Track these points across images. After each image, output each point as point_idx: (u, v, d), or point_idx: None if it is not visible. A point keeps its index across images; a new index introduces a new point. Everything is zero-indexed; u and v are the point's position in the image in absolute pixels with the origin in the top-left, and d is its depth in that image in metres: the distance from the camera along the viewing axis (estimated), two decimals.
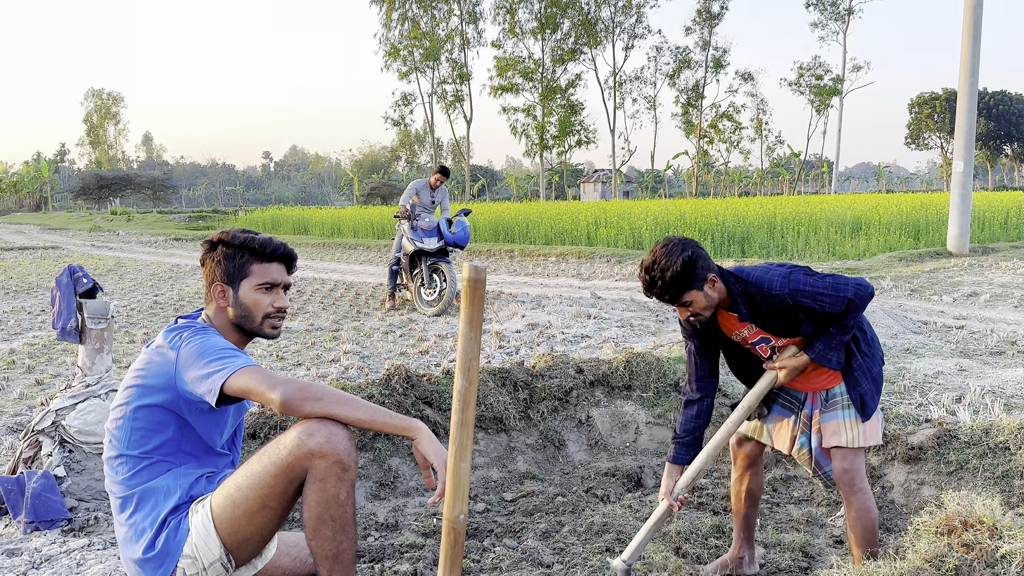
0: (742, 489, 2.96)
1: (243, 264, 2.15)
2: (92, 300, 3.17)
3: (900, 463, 3.89)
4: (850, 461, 2.62)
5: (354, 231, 26.24)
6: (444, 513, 1.54)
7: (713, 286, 2.54)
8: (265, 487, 1.88)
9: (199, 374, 1.92)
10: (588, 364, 4.97)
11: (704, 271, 2.51)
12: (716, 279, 2.54)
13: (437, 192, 10.03)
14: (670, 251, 2.49)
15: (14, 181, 73.94)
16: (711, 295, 2.54)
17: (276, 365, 6.21)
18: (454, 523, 1.52)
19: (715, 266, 2.58)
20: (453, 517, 1.52)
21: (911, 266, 13.11)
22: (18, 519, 2.76)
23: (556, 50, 53.56)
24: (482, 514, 3.70)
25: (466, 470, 1.52)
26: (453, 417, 1.50)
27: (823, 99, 57.52)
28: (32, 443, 2.91)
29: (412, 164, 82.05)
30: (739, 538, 2.98)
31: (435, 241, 9.14)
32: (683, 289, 2.50)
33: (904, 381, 5.39)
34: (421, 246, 9.08)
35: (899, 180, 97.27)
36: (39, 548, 2.68)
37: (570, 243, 19.09)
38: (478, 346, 1.45)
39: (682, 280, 2.48)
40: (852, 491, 2.61)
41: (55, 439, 2.89)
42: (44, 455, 2.86)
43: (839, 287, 2.56)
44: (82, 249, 21.63)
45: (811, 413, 2.74)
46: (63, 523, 2.79)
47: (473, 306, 1.42)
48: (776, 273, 2.58)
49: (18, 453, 2.95)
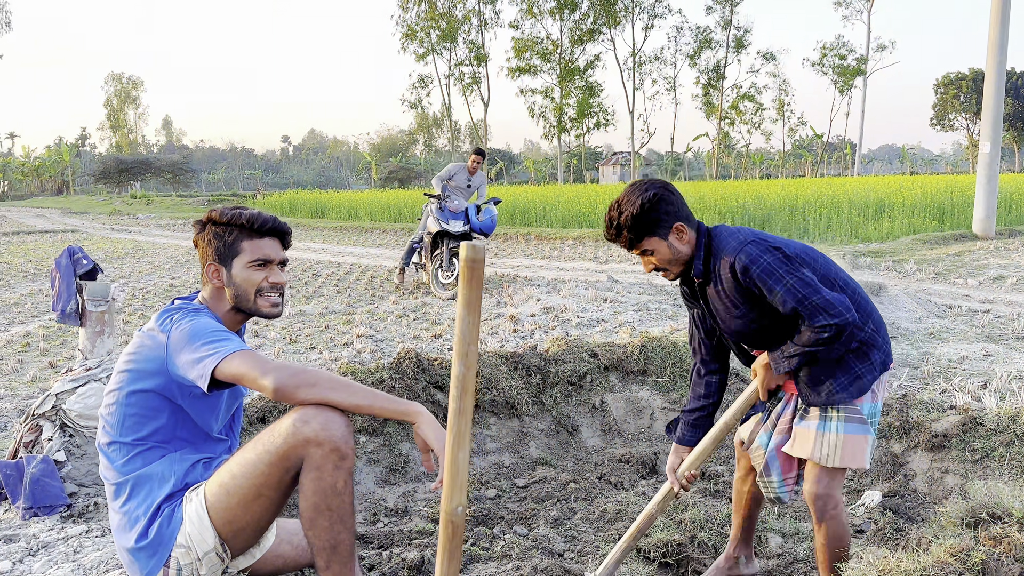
0: (744, 490, 2.74)
1: (233, 242, 2.07)
2: (92, 282, 3.11)
3: (923, 450, 3.78)
4: (824, 484, 2.30)
5: (371, 214, 26.23)
6: (442, 505, 1.47)
7: (681, 237, 2.25)
8: (260, 476, 1.82)
9: (190, 358, 1.85)
10: (602, 348, 4.88)
11: (669, 216, 2.23)
12: (686, 229, 2.25)
13: (475, 176, 9.77)
14: (633, 190, 2.24)
15: (36, 165, 74.66)
16: (677, 247, 2.25)
17: (289, 348, 6.17)
18: (452, 515, 1.44)
19: (689, 216, 2.27)
20: (451, 509, 1.44)
21: (935, 249, 12.87)
22: (17, 505, 2.72)
23: (574, 31, 52.99)
24: (493, 500, 3.64)
25: (464, 459, 1.44)
26: (451, 405, 1.42)
27: (846, 79, 56.60)
28: (33, 427, 2.87)
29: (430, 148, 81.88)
30: (736, 537, 2.79)
31: (461, 224, 9.05)
32: (642, 233, 2.23)
33: (928, 366, 5.26)
34: (446, 227, 8.99)
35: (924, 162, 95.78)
36: (36, 534, 2.64)
37: (588, 226, 18.95)
38: (477, 330, 1.37)
39: (641, 223, 2.21)
40: (823, 518, 2.32)
41: (56, 423, 2.85)
42: (45, 439, 2.82)
43: (809, 288, 2.14)
44: (101, 232, 21.77)
45: (782, 412, 2.45)
46: (62, 509, 2.74)
47: (471, 287, 1.33)
48: (741, 237, 2.24)
49: (19, 437, 2.92)
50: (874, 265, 11.15)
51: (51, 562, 2.41)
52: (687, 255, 2.28)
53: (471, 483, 3.83)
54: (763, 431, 2.50)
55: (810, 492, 2.32)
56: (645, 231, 2.23)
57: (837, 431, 2.27)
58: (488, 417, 4.34)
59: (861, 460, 2.29)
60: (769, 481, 2.45)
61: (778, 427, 2.44)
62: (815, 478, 2.31)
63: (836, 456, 2.27)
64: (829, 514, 2.31)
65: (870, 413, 2.33)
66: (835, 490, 2.32)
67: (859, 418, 2.30)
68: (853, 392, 2.29)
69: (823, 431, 2.29)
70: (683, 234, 2.25)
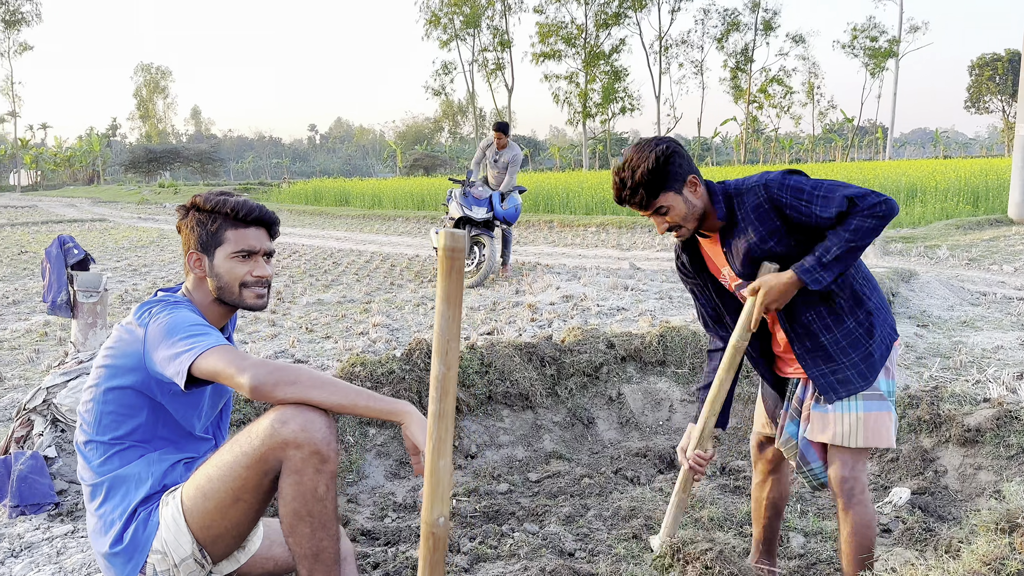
0: (763, 497, 2.61)
1: (217, 230, 1.96)
2: (84, 272, 3.02)
3: (955, 445, 3.61)
4: (850, 467, 2.20)
5: (394, 202, 26.22)
6: (423, 515, 1.35)
7: (695, 190, 2.19)
8: (237, 479, 1.71)
9: (167, 354, 1.75)
10: (620, 338, 4.74)
11: (683, 170, 2.17)
12: (698, 182, 2.20)
13: (503, 152, 9.61)
14: (642, 147, 2.17)
15: (68, 156, 75.69)
16: (692, 201, 2.19)
17: (304, 338, 6.11)
18: (433, 527, 1.32)
19: (698, 170, 2.24)
20: (432, 520, 1.32)
21: (969, 234, 12.52)
22: (3, 503, 2.65)
23: (600, 14, 52.37)
24: (505, 495, 3.54)
25: (446, 467, 1.32)
26: (430, 407, 1.30)
27: (878, 62, 55.41)
28: (24, 422, 2.80)
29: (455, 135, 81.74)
30: (757, 549, 2.66)
31: (483, 211, 8.92)
32: (657, 189, 2.15)
33: (960, 356, 5.05)
34: (468, 213, 8.88)
35: (957, 146, 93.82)
36: (21, 534, 2.56)
37: (611, 213, 18.74)
38: (458, 325, 1.24)
39: (656, 178, 2.14)
40: (851, 503, 2.21)
41: (47, 418, 2.78)
42: (35, 435, 2.75)
43: (842, 184, 2.12)
44: (128, 221, 21.96)
45: (803, 397, 2.34)
46: (50, 507, 2.66)
47: (450, 280, 1.21)
48: (757, 174, 2.24)
49: (10, 432, 2.85)
50: (905, 251, 10.86)
51: (32, 564, 2.34)
52: (701, 209, 2.22)
53: (483, 477, 3.73)
54: (789, 420, 2.38)
55: (836, 476, 2.22)
56: (660, 186, 2.15)
57: (856, 410, 2.19)
58: (501, 409, 4.23)
59: (886, 438, 2.20)
60: (809, 470, 2.33)
61: (803, 413, 2.32)
62: (840, 461, 2.21)
63: (859, 436, 2.18)
64: (856, 499, 2.20)
65: (887, 390, 2.24)
66: (861, 473, 2.22)
67: (877, 394, 2.21)
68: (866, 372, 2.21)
69: (842, 411, 2.20)
70: (696, 187, 2.20)
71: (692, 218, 2.21)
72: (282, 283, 9.37)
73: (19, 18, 55.60)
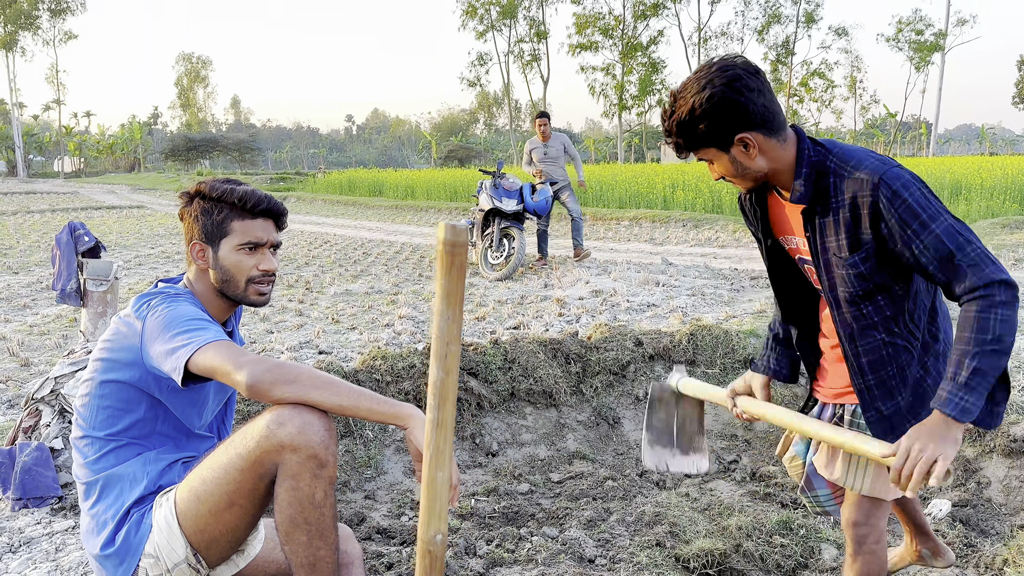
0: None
1: (223, 220, 1.87)
2: (94, 259, 2.97)
3: (1000, 456, 3.44)
4: (865, 513, 1.89)
5: (427, 193, 26.21)
6: (419, 532, 1.25)
7: (749, 151, 1.70)
8: (232, 483, 1.62)
9: (164, 349, 1.67)
10: (648, 336, 4.60)
11: (731, 126, 1.66)
12: (758, 142, 1.69)
13: (551, 143, 9.41)
14: (697, 79, 1.67)
15: (110, 143, 77.09)
16: (742, 162, 1.72)
17: (331, 328, 6.07)
18: (429, 544, 1.22)
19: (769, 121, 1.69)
20: (429, 537, 1.22)
21: (1016, 234, 12.09)
22: (7, 495, 2.61)
23: (638, 5, 51.80)
24: (525, 495, 3.44)
25: (443, 481, 1.21)
26: (427, 415, 1.20)
27: (923, 56, 54.02)
28: (32, 412, 2.76)
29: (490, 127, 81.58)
30: (909, 532, 2.35)
31: (514, 203, 8.82)
32: (695, 142, 1.71)
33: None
34: (499, 205, 8.79)
35: (1004, 143, 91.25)
36: (22, 528, 2.52)
37: (645, 207, 18.49)
38: (458, 326, 1.14)
39: (692, 131, 1.69)
40: (860, 551, 1.92)
41: (55, 408, 2.74)
42: (43, 425, 2.71)
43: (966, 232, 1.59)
44: (165, 209, 22.24)
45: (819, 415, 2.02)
46: (53, 500, 2.62)
47: (451, 276, 1.11)
48: (876, 155, 1.69)
49: (19, 422, 2.81)
50: None
51: (30, 560, 2.29)
52: (760, 170, 1.74)
53: (503, 476, 3.63)
54: (798, 439, 2.12)
55: (848, 519, 1.93)
56: (699, 141, 1.71)
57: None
58: (524, 407, 4.13)
59: (895, 491, 1.84)
60: (814, 496, 2.08)
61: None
62: (855, 504, 1.90)
63: (865, 482, 1.85)
64: (867, 548, 1.91)
65: None
66: (878, 521, 1.91)
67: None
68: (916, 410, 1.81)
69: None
70: (752, 148, 1.69)
71: (745, 178, 1.77)
72: (311, 272, 9.36)
73: (64, 7, 56.66)
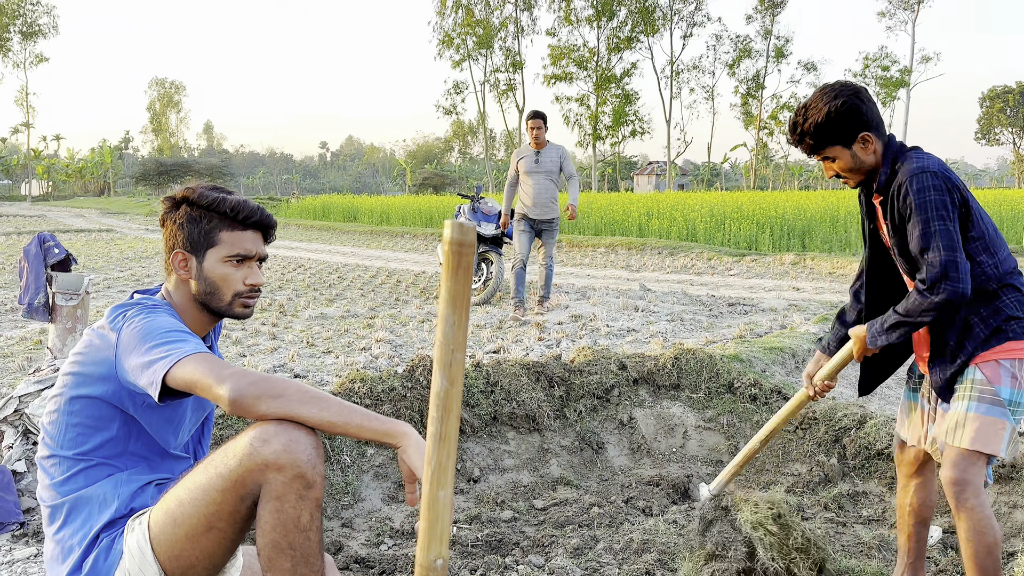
0: (905, 503, 2.52)
1: (211, 230, 1.77)
2: (64, 273, 2.83)
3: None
4: (960, 469, 2.12)
5: (402, 219, 26.15)
6: (417, 557, 1.15)
7: (867, 147, 2.21)
8: (211, 504, 1.51)
9: (141, 362, 1.57)
10: (632, 360, 4.54)
11: (857, 126, 2.18)
12: (873, 139, 2.21)
13: (544, 152, 7.53)
14: (822, 95, 2.21)
15: (80, 167, 76.14)
16: (861, 157, 2.22)
17: (305, 352, 5.93)
18: (429, 570, 1.12)
19: (879, 124, 2.23)
20: (428, 562, 1.12)
21: None
22: None
23: (612, 38, 52.57)
24: (508, 523, 3.33)
25: (446, 500, 1.12)
26: (429, 428, 1.11)
27: (889, 91, 55.33)
28: None
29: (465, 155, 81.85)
30: (903, 562, 2.55)
31: (492, 227, 8.73)
32: (825, 141, 2.22)
33: None
34: (477, 230, 8.67)
35: (967, 177, 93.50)
36: None
37: (620, 234, 18.56)
38: (464, 333, 1.06)
39: (825, 131, 2.20)
40: (960, 506, 2.12)
41: (18, 429, 2.59)
42: (5, 447, 2.56)
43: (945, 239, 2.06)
44: (136, 232, 21.89)
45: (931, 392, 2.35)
46: (14, 527, 2.46)
47: (457, 279, 1.03)
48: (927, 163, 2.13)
49: None
50: None
51: None
52: (870, 165, 2.25)
53: (485, 503, 3.52)
54: (932, 422, 2.35)
55: (945, 476, 2.15)
56: (829, 139, 2.22)
57: (966, 410, 2.13)
58: (507, 431, 4.03)
59: (994, 444, 2.10)
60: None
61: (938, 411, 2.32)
62: (950, 461, 2.14)
63: (964, 435, 2.11)
64: (967, 503, 2.11)
65: (1011, 399, 2.13)
66: (974, 476, 2.11)
67: (995, 399, 2.12)
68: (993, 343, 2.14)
69: (955, 410, 2.17)
70: (869, 144, 2.22)
71: (858, 172, 2.25)
72: (285, 296, 9.21)
73: (36, 30, 56.20)
